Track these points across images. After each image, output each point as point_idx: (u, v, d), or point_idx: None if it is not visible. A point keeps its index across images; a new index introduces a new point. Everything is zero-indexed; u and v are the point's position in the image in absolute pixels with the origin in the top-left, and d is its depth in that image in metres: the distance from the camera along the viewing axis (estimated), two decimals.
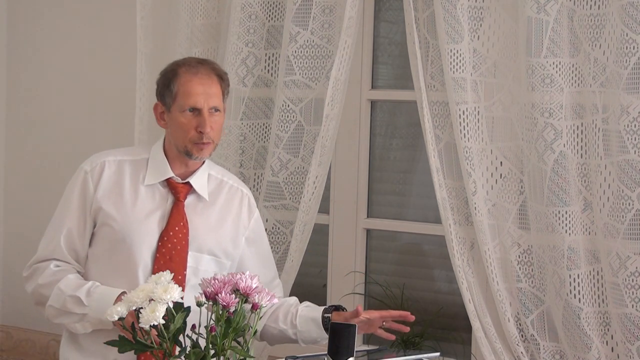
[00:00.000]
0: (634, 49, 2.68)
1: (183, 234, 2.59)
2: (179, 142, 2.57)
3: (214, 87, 2.58)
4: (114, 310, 2.09)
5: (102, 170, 2.60)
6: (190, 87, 2.54)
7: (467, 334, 3.23)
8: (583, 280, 2.84)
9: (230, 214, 2.69)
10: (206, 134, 2.54)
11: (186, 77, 2.55)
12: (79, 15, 3.94)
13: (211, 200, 2.66)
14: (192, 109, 2.54)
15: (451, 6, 2.90)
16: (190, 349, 2.09)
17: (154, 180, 2.61)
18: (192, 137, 2.54)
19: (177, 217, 2.59)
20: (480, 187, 2.94)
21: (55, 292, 2.53)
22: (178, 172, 2.62)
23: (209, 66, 2.61)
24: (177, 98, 2.55)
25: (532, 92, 2.83)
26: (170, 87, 2.56)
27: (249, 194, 2.76)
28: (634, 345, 2.75)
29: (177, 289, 2.09)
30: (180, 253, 2.58)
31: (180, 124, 2.55)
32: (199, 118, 2.54)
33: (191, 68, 2.57)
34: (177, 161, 2.61)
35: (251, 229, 2.73)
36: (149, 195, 2.60)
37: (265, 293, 2.15)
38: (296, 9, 3.17)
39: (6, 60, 4.18)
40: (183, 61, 2.62)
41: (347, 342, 2.33)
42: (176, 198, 2.61)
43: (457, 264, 2.98)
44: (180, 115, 2.55)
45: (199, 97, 2.54)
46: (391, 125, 3.50)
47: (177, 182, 2.61)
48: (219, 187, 2.69)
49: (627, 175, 2.73)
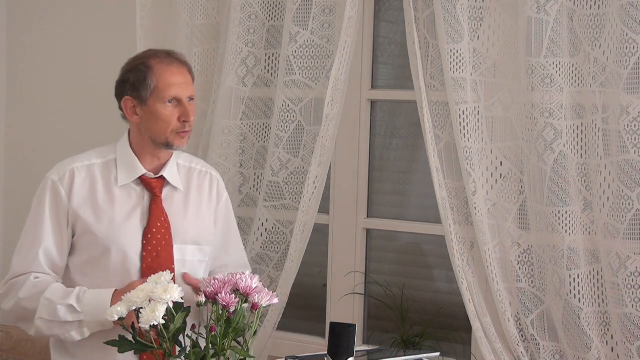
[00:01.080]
0: (634, 49, 2.68)
1: (166, 228, 2.59)
2: (159, 134, 2.56)
3: (188, 76, 2.60)
4: (114, 310, 2.09)
5: (73, 178, 2.58)
6: (169, 77, 2.55)
7: (467, 334, 3.23)
8: (583, 280, 2.84)
9: (203, 200, 2.70)
10: (189, 122, 2.56)
11: (162, 69, 2.55)
12: (79, 15, 3.93)
13: (185, 189, 2.66)
14: (172, 99, 2.55)
15: (451, 6, 2.90)
16: (190, 349, 2.09)
17: (127, 180, 2.59)
18: (175, 127, 2.55)
19: (157, 213, 2.59)
20: (480, 187, 2.94)
21: (42, 303, 2.49)
22: (149, 167, 2.61)
23: (178, 57, 2.62)
24: (157, 90, 2.54)
25: (532, 92, 2.83)
26: (146, 80, 2.54)
27: (218, 177, 2.77)
28: (634, 345, 2.75)
29: (177, 289, 2.09)
30: (166, 248, 2.57)
31: (161, 116, 2.54)
32: (181, 108, 2.55)
33: (164, 59, 2.57)
34: (148, 156, 2.61)
35: (220, 212, 2.74)
36: (124, 196, 2.59)
37: (266, 293, 2.15)
38: (296, 9, 3.17)
39: (6, 60, 4.18)
40: (150, 54, 2.61)
41: (347, 342, 2.33)
42: (153, 194, 2.60)
43: (457, 264, 2.98)
44: (162, 107, 2.54)
45: (179, 87, 2.55)
46: (391, 125, 3.49)
47: (151, 177, 2.61)
48: (189, 175, 2.69)
49: (627, 175, 2.73)
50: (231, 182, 3.36)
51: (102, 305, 2.45)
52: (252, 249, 3.31)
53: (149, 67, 2.56)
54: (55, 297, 2.49)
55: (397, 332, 3.25)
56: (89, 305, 2.47)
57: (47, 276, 2.55)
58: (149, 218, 2.58)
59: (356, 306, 3.41)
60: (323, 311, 3.49)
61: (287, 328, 3.47)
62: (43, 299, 2.49)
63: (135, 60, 2.60)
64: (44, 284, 2.53)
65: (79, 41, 3.98)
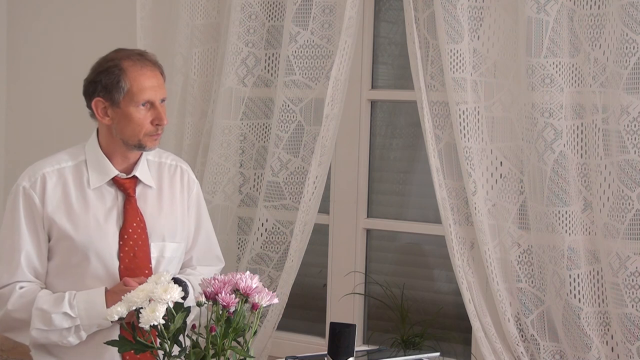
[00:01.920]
0: (634, 49, 2.68)
1: (141, 228, 2.59)
2: (132, 136, 2.55)
3: (160, 78, 2.59)
4: (114, 310, 2.09)
5: (45, 183, 2.56)
6: (143, 80, 2.53)
7: (467, 334, 3.23)
8: (583, 280, 2.84)
9: (176, 194, 2.70)
10: (163, 125, 2.55)
11: (136, 71, 2.53)
12: (79, 15, 3.93)
13: (157, 186, 2.66)
14: (145, 102, 2.53)
15: (451, 6, 2.90)
16: (190, 349, 2.09)
17: (99, 182, 2.58)
18: (148, 130, 2.54)
19: (132, 213, 2.58)
20: (480, 187, 2.94)
21: (35, 314, 2.49)
22: (120, 167, 2.60)
23: (150, 58, 2.60)
24: (130, 93, 2.52)
25: (532, 92, 2.83)
26: (119, 83, 2.52)
27: (188, 169, 2.76)
28: (634, 345, 2.75)
29: (177, 289, 2.09)
30: (143, 247, 2.57)
31: (134, 119, 2.53)
32: (154, 111, 2.54)
33: (136, 61, 2.55)
34: (118, 157, 2.59)
35: (191, 204, 2.73)
36: (98, 198, 2.57)
37: (266, 293, 2.15)
38: (296, 9, 3.17)
39: (6, 60, 4.18)
40: (121, 54, 2.59)
41: (347, 342, 2.33)
42: (126, 194, 2.59)
43: (457, 264, 2.98)
44: (135, 110, 2.53)
45: (152, 91, 2.54)
46: (391, 125, 3.49)
47: (123, 178, 2.60)
48: (159, 170, 2.69)
49: (627, 175, 2.73)
50: (231, 182, 3.37)
51: (95, 306, 2.46)
52: (252, 249, 3.31)
53: (122, 69, 2.53)
54: (47, 305, 2.49)
55: (397, 332, 3.25)
56: (83, 309, 2.48)
57: (31, 284, 2.55)
58: (124, 218, 2.57)
59: (356, 306, 3.41)
60: (323, 311, 3.49)
61: (287, 328, 3.47)
62: (35, 309, 2.49)
63: (107, 62, 2.57)
64: (31, 293, 2.52)
65: (79, 41, 3.98)
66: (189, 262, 2.75)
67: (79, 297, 2.49)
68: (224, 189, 3.36)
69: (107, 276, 2.54)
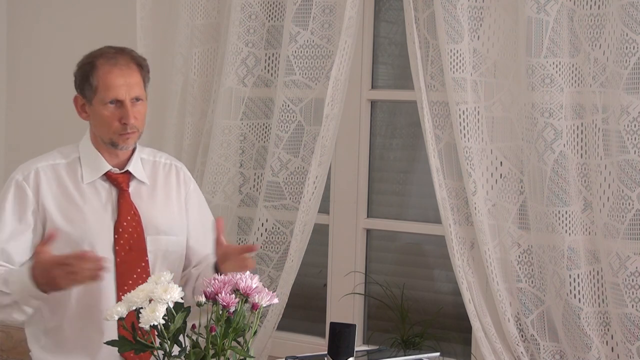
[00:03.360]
0: (634, 49, 2.68)
1: (136, 221, 2.59)
2: (104, 134, 2.56)
3: (134, 76, 2.56)
4: (114, 310, 2.09)
5: (38, 177, 2.56)
6: (111, 79, 2.52)
7: (467, 334, 3.23)
8: (583, 280, 2.84)
9: (171, 191, 2.70)
10: (130, 125, 2.54)
11: (105, 69, 2.53)
12: (79, 15, 3.93)
13: (151, 183, 2.67)
14: (113, 100, 2.53)
15: (451, 6, 2.90)
16: (190, 349, 2.09)
17: (93, 177, 2.59)
18: (116, 128, 2.54)
19: (126, 207, 2.59)
20: (480, 187, 2.94)
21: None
22: (113, 162, 2.60)
23: (128, 55, 2.59)
24: (98, 91, 2.52)
25: (532, 92, 2.83)
26: (89, 80, 2.53)
27: (183, 167, 2.77)
28: (634, 345, 2.75)
29: (177, 289, 2.09)
30: (138, 241, 2.58)
31: (103, 117, 2.53)
32: (122, 110, 2.53)
33: (109, 59, 2.54)
34: (106, 152, 2.60)
35: (190, 201, 2.74)
36: (93, 193, 2.58)
37: (266, 293, 2.15)
38: (296, 9, 3.17)
39: (6, 60, 4.18)
40: (100, 52, 2.59)
41: (347, 342, 2.33)
42: (120, 189, 2.60)
43: (457, 264, 2.98)
44: (103, 108, 2.53)
45: (120, 89, 2.52)
46: (391, 125, 3.49)
47: (116, 173, 2.60)
48: (154, 168, 2.69)
49: (627, 175, 2.73)
50: (231, 182, 3.37)
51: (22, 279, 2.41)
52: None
53: (93, 66, 2.54)
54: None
55: (397, 332, 3.25)
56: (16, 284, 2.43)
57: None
58: (119, 212, 2.57)
59: (356, 306, 3.41)
60: (323, 311, 3.49)
61: (287, 328, 3.47)
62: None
63: (86, 58, 2.59)
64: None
65: (79, 41, 3.97)
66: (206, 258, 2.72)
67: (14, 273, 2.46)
68: (224, 189, 3.36)
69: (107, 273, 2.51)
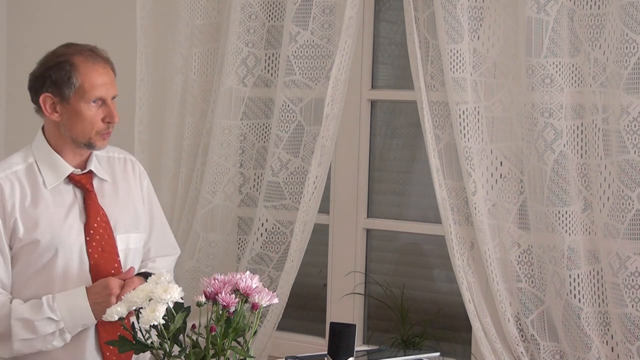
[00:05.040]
0: (634, 49, 2.68)
1: (105, 222, 2.57)
2: (82, 134, 2.52)
3: (111, 75, 2.57)
4: (114, 311, 2.10)
5: (2, 189, 2.50)
6: (95, 77, 2.51)
7: (467, 334, 3.23)
8: (583, 280, 2.84)
9: (131, 186, 2.70)
10: (114, 123, 2.53)
11: (87, 67, 2.51)
12: (78, 15, 3.93)
13: (112, 179, 2.65)
14: (97, 99, 2.51)
15: (451, 6, 2.90)
16: (190, 349, 2.09)
17: (56, 181, 2.54)
18: (99, 128, 2.52)
19: (94, 208, 2.57)
20: (480, 187, 2.94)
21: (16, 324, 2.43)
22: (74, 163, 2.57)
23: (101, 54, 2.58)
24: (82, 89, 2.49)
25: (532, 92, 2.83)
26: (70, 78, 2.49)
27: (137, 161, 2.76)
28: (634, 345, 2.75)
29: (178, 289, 2.09)
30: (109, 241, 2.56)
31: (85, 116, 2.50)
32: (105, 108, 2.52)
33: (89, 57, 2.53)
34: (70, 153, 2.56)
35: (144, 195, 2.74)
36: (57, 197, 2.54)
37: (266, 293, 2.15)
38: (296, 9, 3.17)
39: (6, 60, 4.18)
40: (72, 50, 2.56)
41: (347, 342, 2.33)
42: (85, 190, 2.57)
43: (457, 264, 2.98)
44: (86, 107, 2.50)
45: (104, 87, 2.51)
46: (391, 125, 3.49)
47: (78, 174, 2.57)
48: (110, 164, 2.67)
49: (627, 175, 2.73)
50: (231, 182, 3.37)
51: (77, 306, 2.44)
52: (252, 249, 3.31)
53: (73, 65, 2.50)
54: (27, 314, 2.44)
55: (397, 332, 3.25)
56: (65, 311, 2.44)
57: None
58: (87, 214, 2.55)
59: (356, 306, 3.41)
60: (323, 311, 3.49)
61: (287, 328, 3.47)
62: (14, 320, 2.44)
63: (58, 56, 2.54)
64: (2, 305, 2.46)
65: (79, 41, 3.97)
66: (147, 255, 2.74)
67: (59, 299, 2.46)
68: (224, 189, 3.36)
69: (78, 274, 2.52)
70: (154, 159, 3.50)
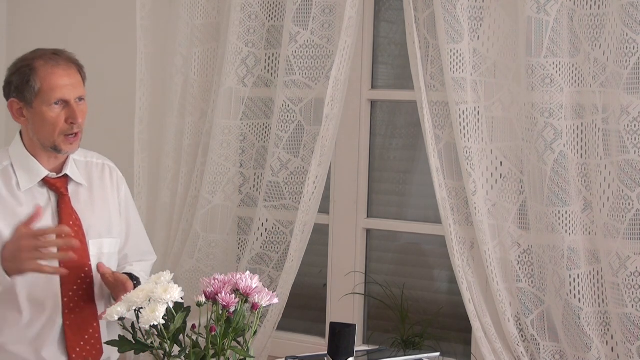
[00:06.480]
0: (634, 49, 2.68)
1: (78, 226, 2.58)
2: (46, 137, 2.53)
3: (76, 76, 2.56)
4: (114, 310, 2.09)
5: None
6: (55, 79, 2.51)
7: (467, 334, 3.23)
8: (583, 280, 2.84)
9: (107, 192, 2.70)
10: (77, 124, 2.52)
11: (47, 70, 2.51)
12: (78, 15, 3.93)
13: (88, 184, 2.65)
14: (58, 101, 2.51)
15: (451, 6, 2.90)
16: (190, 349, 2.09)
17: (30, 184, 2.55)
18: (63, 129, 2.52)
19: (67, 212, 2.57)
20: (480, 187, 2.94)
21: None
22: (49, 167, 2.58)
23: (66, 56, 2.58)
24: (42, 92, 2.50)
25: (532, 92, 2.83)
26: (30, 82, 2.50)
27: (115, 167, 2.76)
28: (634, 345, 2.75)
29: (177, 289, 2.09)
30: (81, 246, 2.55)
31: (47, 118, 2.51)
32: (68, 109, 2.52)
33: (50, 60, 2.53)
34: (45, 157, 2.57)
35: (121, 201, 2.74)
36: (30, 199, 2.54)
37: (266, 293, 2.15)
38: (296, 9, 3.17)
39: (6, 60, 4.18)
40: (36, 54, 2.57)
41: (347, 342, 2.33)
42: (59, 194, 2.58)
43: (457, 264, 2.98)
44: (47, 109, 2.51)
45: (65, 89, 2.51)
46: (391, 125, 3.49)
47: (53, 177, 2.58)
48: (87, 169, 2.68)
49: (627, 175, 2.73)
50: (231, 182, 3.37)
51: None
52: (252, 249, 3.31)
53: (33, 69, 2.51)
54: None
55: (397, 332, 3.25)
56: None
57: None
58: (60, 218, 2.55)
59: (356, 306, 3.41)
60: (323, 311, 3.49)
61: (287, 328, 3.47)
62: None
63: (21, 62, 2.56)
64: None
65: (79, 41, 3.98)
66: (124, 260, 2.75)
67: None
68: (224, 189, 3.36)
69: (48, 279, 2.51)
70: (154, 159, 3.50)
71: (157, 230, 3.45)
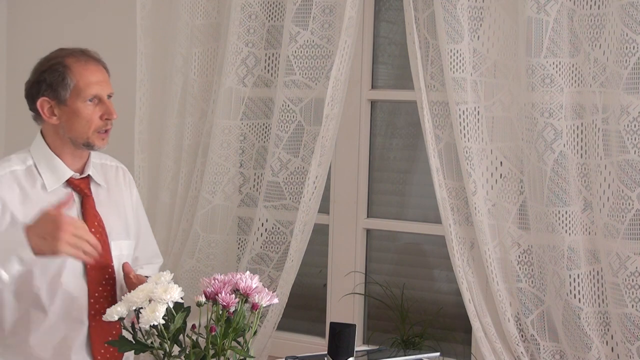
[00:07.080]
0: (634, 49, 2.68)
1: (102, 227, 2.58)
2: (80, 134, 2.53)
3: (105, 74, 2.58)
4: (114, 310, 2.10)
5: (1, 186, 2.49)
6: (89, 75, 2.52)
7: (467, 334, 3.23)
8: (583, 280, 2.84)
9: (123, 194, 2.71)
10: (112, 119, 2.54)
11: (80, 67, 2.53)
12: (79, 15, 3.93)
13: (106, 186, 2.66)
14: (93, 97, 2.52)
15: (451, 6, 2.90)
16: (190, 349, 2.09)
17: (56, 184, 2.54)
18: (98, 125, 2.53)
19: (91, 213, 2.57)
20: (480, 187, 2.94)
21: None
22: (73, 168, 2.58)
23: (92, 55, 2.59)
24: (77, 89, 2.50)
25: (532, 92, 2.83)
26: (65, 79, 2.50)
27: (127, 170, 2.78)
28: (634, 345, 2.75)
29: (177, 289, 2.09)
30: (104, 246, 2.55)
31: (83, 115, 2.51)
32: (102, 106, 2.53)
33: (80, 58, 2.55)
34: (69, 157, 2.57)
35: (134, 204, 2.75)
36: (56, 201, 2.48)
37: (266, 293, 2.15)
38: (296, 9, 3.17)
39: (6, 60, 4.18)
40: (64, 52, 2.58)
41: (347, 342, 2.33)
42: (83, 195, 2.58)
43: (457, 264, 2.98)
44: (83, 106, 2.51)
45: (98, 85, 2.53)
46: (391, 125, 3.49)
47: (77, 178, 2.58)
48: (103, 171, 2.69)
49: (627, 175, 2.73)
50: (231, 182, 3.37)
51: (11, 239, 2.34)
52: (252, 249, 3.31)
53: (66, 66, 2.52)
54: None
55: (397, 332, 3.25)
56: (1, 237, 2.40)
57: None
58: (84, 219, 2.54)
59: (356, 306, 3.41)
60: (323, 311, 3.49)
61: (287, 328, 3.47)
62: None
63: (50, 60, 2.56)
64: None
65: (79, 41, 3.97)
66: (134, 263, 2.74)
67: None
68: (224, 189, 3.36)
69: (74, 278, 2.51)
70: (154, 159, 3.50)
71: (157, 230, 3.44)
